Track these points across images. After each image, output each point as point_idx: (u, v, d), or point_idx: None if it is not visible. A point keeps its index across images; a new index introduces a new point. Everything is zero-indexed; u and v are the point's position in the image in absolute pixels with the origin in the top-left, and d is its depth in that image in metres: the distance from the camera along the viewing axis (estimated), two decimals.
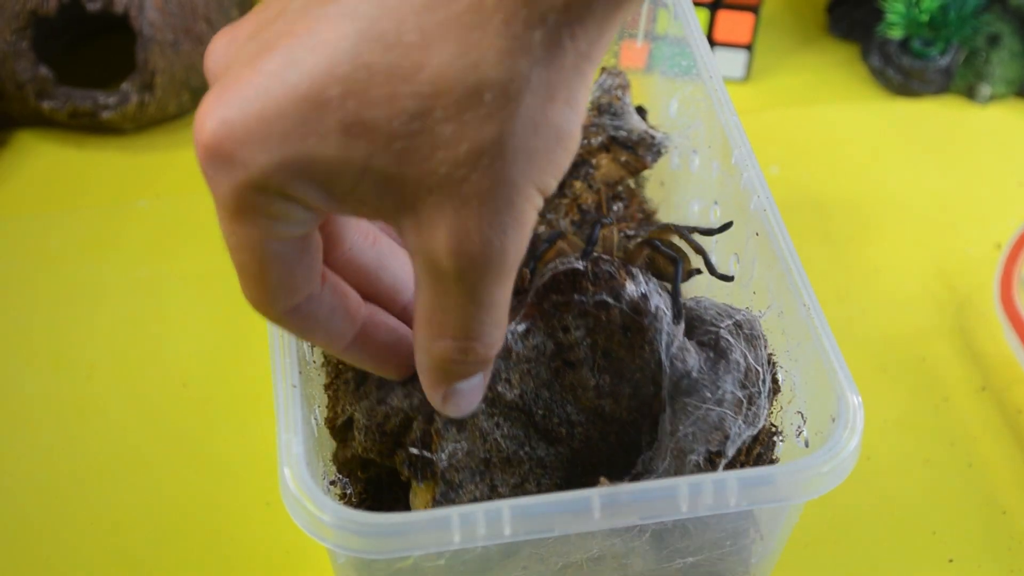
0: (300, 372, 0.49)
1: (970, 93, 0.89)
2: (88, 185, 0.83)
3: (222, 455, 0.67)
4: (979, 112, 0.89)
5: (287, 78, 0.32)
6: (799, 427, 0.53)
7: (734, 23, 0.89)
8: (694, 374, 0.50)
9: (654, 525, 0.49)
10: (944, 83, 0.89)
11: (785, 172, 0.84)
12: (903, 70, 0.88)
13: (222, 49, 0.36)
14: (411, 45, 0.32)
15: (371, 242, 0.44)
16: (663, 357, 0.49)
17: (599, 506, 0.43)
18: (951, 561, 0.62)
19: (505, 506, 0.43)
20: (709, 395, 0.50)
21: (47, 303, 0.75)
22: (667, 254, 0.51)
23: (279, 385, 0.49)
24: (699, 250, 0.54)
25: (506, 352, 0.49)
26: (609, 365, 0.49)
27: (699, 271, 0.53)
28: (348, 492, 0.52)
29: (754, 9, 0.88)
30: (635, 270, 0.50)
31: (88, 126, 0.85)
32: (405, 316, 0.45)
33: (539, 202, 0.35)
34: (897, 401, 0.69)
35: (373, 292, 0.44)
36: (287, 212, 0.35)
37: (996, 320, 0.73)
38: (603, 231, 0.52)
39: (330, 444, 0.56)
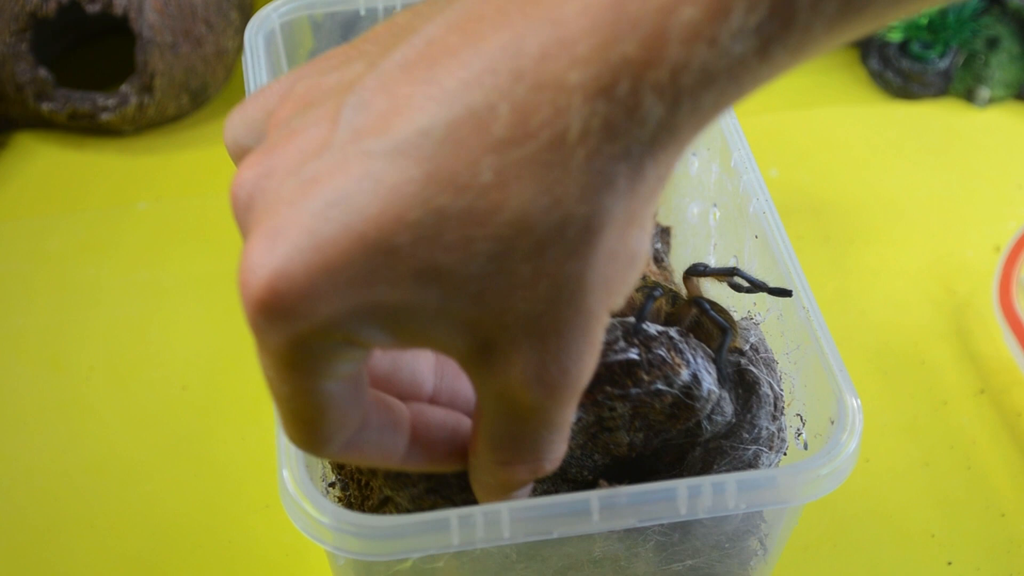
0: None
1: (969, 96, 0.89)
2: (87, 187, 0.83)
3: (221, 458, 0.67)
4: (978, 115, 0.89)
5: (349, 224, 0.30)
6: (798, 429, 0.53)
7: None
8: (733, 420, 0.50)
9: (658, 534, 0.49)
10: (943, 86, 0.89)
11: (784, 175, 0.84)
12: (902, 73, 0.89)
13: (256, 182, 0.33)
14: (487, 186, 0.30)
15: None
16: (704, 421, 0.49)
17: (598, 508, 0.43)
18: (950, 564, 0.62)
19: (504, 508, 0.43)
20: (747, 435, 0.50)
21: (46, 305, 0.75)
22: (716, 320, 0.50)
23: None
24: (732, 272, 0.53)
25: None
26: (645, 425, 0.49)
27: (741, 351, 0.52)
28: (347, 494, 0.52)
29: None
30: (684, 347, 0.49)
31: (87, 128, 0.85)
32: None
33: (608, 320, 0.34)
34: (896, 404, 0.69)
35: (394, 393, 0.41)
36: (347, 355, 0.33)
37: (995, 323, 0.73)
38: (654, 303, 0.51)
39: None
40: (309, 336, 0.31)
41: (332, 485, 0.53)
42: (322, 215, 0.30)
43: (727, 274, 0.52)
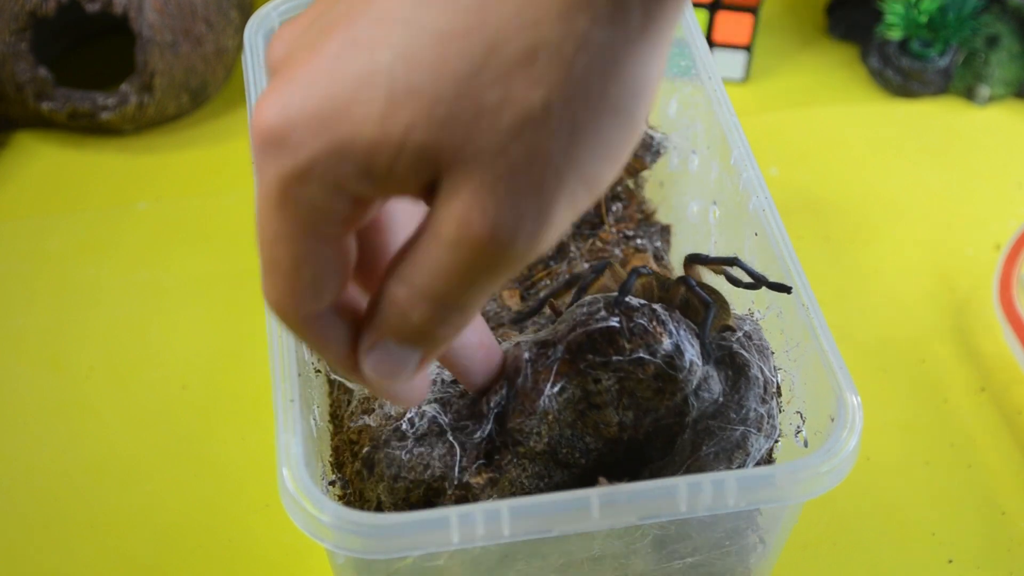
0: (300, 374, 0.49)
1: (969, 94, 0.89)
2: (87, 187, 0.83)
3: (221, 457, 0.67)
4: (978, 113, 0.89)
5: (344, 56, 0.32)
6: (798, 427, 0.53)
7: (733, 24, 0.88)
8: (720, 399, 0.50)
9: (656, 529, 0.49)
10: (943, 84, 0.89)
11: (784, 173, 0.84)
12: (902, 71, 0.88)
13: (283, 40, 0.35)
14: (468, 7, 0.31)
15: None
16: (690, 396, 0.49)
17: (598, 505, 0.43)
18: (951, 562, 0.62)
19: (504, 506, 0.43)
20: (734, 415, 0.50)
21: (46, 305, 0.75)
22: (701, 297, 0.51)
23: (278, 385, 0.48)
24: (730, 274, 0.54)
25: (542, 413, 0.49)
26: (633, 403, 0.50)
27: (732, 329, 0.52)
28: (347, 492, 0.52)
29: (753, 10, 0.88)
30: (667, 318, 0.49)
31: (87, 127, 0.85)
32: None
33: (581, 200, 0.33)
34: (897, 402, 0.69)
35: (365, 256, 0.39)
36: (330, 204, 0.33)
37: (995, 321, 0.73)
38: (641, 280, 0.52)
39: (329, 443, 0.56)
40: (295, 172, 0.32)
41: (332, 483, 0.53)
42: (325, 54, 0.32)
43: (727, 263, 0.53)
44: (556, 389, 0.48)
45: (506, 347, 0.51)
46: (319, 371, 0.58)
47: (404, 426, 0.51)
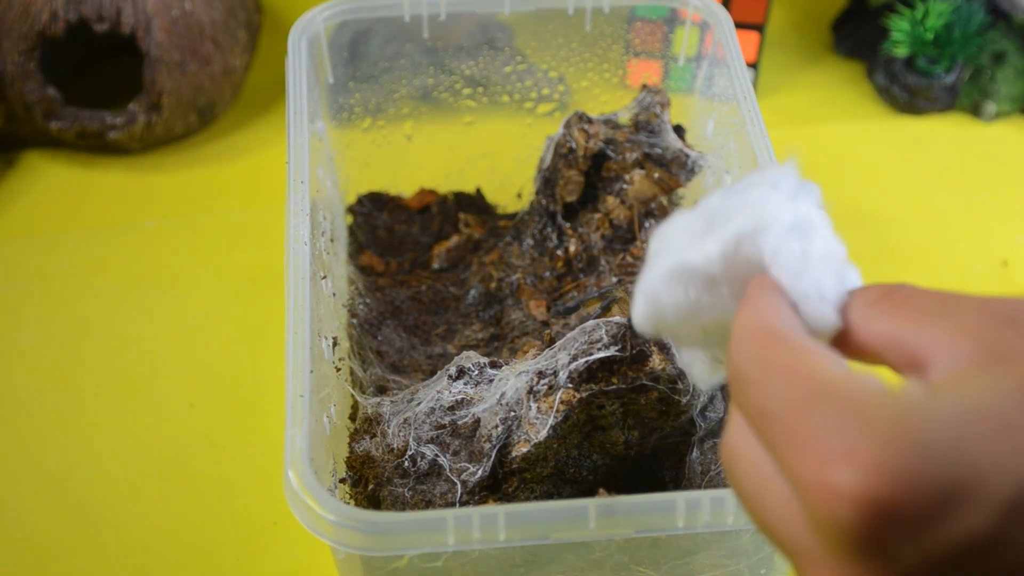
0: (312, 371, 0.49)
1: (975, 111, 0.89)
2: (95, 205, 0.84)
3: (229, 475, 0.66)
4: (984, 129, 0.89)
5: None
6: None
7: (740, 41, 0.88)
8: (724, 416, 0.50)
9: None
10: (949, 101, 0.89)
11: None
12: (908, 88, 0.88)
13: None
14: None
15: None
16: (696, 416, 0.49)
17: (595, 515, 0.43)
18: None
19: (501, 511, 0.43)
20: None
21: (54, 322, 0.75)
22: None
23: (290, 381, 0.48)
24: None
25: (547, 442, 0.49)
26: (639, 423, 0.50)
27: None
28: (356, 490, 0.53)
29: (759, 28, 0.88)
30: (670, 344, 0.49)
31: (95, 146, 0.86)
32: None
33: None
34: None
35: None
36: None
37: None
38: None
39: (342, 441, 0.56)
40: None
41: (343, 481, 0.54)
42: None
43: None
44: (560, 418, 0.48)
45: (506, 374, 0.51)
46: (339, 369, 0.58)
47: (407, 464, 0.51)
